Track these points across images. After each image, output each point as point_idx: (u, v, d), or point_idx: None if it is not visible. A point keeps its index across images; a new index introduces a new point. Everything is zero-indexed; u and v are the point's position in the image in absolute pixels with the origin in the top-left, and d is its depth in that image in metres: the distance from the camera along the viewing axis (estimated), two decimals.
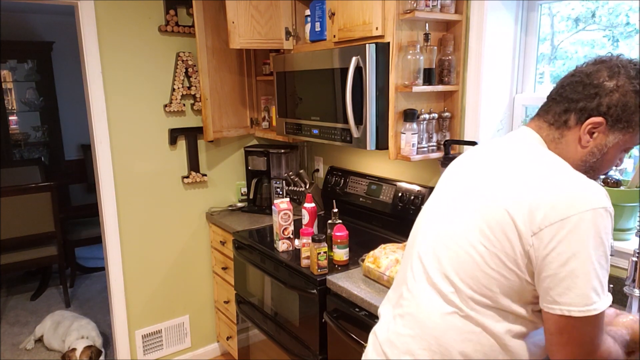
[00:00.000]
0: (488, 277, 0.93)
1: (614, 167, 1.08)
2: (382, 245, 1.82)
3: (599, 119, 0.95)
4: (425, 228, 1.09)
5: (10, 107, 4.71)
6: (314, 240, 1.82)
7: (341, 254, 1.88)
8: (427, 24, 1.84)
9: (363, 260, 1.80)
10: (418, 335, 1.00)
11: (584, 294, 0.84)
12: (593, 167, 1.00)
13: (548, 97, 1.04)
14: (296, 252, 2.05)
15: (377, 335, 1.12)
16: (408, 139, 1.85)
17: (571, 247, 0.84)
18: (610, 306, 1.20)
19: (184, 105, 2.64)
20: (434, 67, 1.88)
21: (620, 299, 1.51)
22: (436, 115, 1.93)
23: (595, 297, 0.85)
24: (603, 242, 0.86)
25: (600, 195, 0.87)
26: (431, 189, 2.02)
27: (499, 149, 1.04)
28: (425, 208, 1.15)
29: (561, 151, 0.99)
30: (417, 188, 2.10)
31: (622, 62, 0.96)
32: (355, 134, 1.89)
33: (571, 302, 0.85)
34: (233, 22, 2.24)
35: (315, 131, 2.14)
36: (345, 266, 1.88)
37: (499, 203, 0.93)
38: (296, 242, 2.11)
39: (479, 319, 0.94)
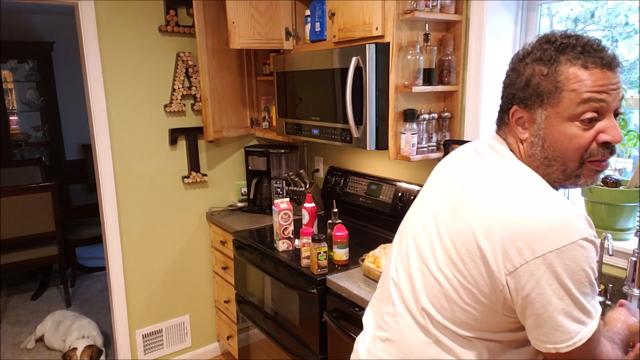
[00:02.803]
0: (464, 311, 0.90)
1: (594, 148, 0.89)
2: (382, 245, 1.82)
3: (513, 108, 0.94)
4: (404, 246, 1.05)
5: (10, 107, 4.72)
6: (314, 240, 1.82)
7: (341, 253, 1.88)
8: (427, 24, 1.85)
9: (363, 260, 1.81)
10: None
11: (568, 330, 0.82)
12: (548, 157, 0.90)
13: None
14: (296, 252, 2.06)
15: (359, 354, 1.09)
16: (408, 139, 1.85)
17: (551, 285, 0.81)
18: (608, 306, 1.20)
19: (184, 105, 2.65)
20: (433, 67, 1.88)
21: (619, 299, 1.52)
22: (436, 116, 1.93)
23: (580, 327, 0.82)
24: (586, 273, 0.81)
25: (578, 225, 0.81)
26: None
27: (473, 164, 0.99)
28: (406, 220, 1.10)
29: (515, 152, 0.96)
30: (417, 188, 2.10)
31: (520, 50, 0.96)
32: (355, 134, 1.89)
33: (557, 340, 0.83)
34: (233, 22, 2.24)
35: (315, 131, 2.14)
36: (345, 266, 1.88)
37: (470, 233, 0.88)
38: (296, 242, 2.11)
39: (456, 349, 0.92)
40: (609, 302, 1.51)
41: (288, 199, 2.18)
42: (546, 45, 0.90)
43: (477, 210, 0.89)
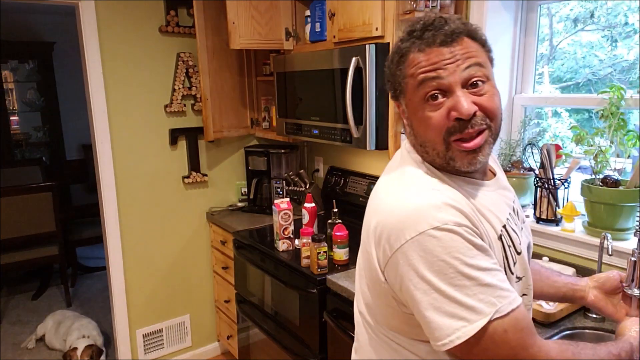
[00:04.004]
0: (382, 313, 0.90)
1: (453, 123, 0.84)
2: None
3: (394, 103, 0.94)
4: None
5: (11, 108, 4.72)
6: (314, 239, 1.82)
7: (341, 253, 1.89)
8: None
9: None
10: None
11: (440, 326, 0.76)
12: (420, 144, 0.89)
13: None
14: (296, 252, 2.06)
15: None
16: None
17: (411, 279, 0.77)
18: None
19: (185, 105, 2.65)
20: None
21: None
22: None
23: (460, 323, 0.75)
24: (448, 264, 0.75)
25: (428, 215, 0.77)
26: None
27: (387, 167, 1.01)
28: None
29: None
30: None
31: None
32: (355, 134, 1.90)
33: (433, 337, 0.78)
34: (233, 23, 2.24)
35: (315, 131, 2.15)
36: (345, 266, 1.89)
37: (365, 237, 0.89)
38: (296, 241, 2.12)
39: (399, 350, 0.91)
40: None
41: (288, 199, 2.18)
42: (401, 36, 0.90)
43: (367, 215, 0.91)
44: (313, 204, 2.10)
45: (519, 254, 0.92)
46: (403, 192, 0.85)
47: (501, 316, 0.75)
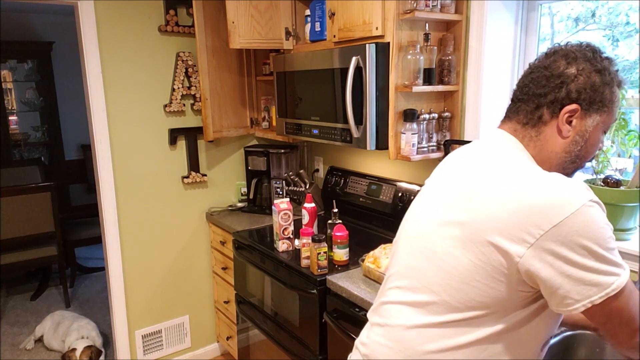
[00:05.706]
0: (475, 289, 0.91)
1: (597, 152, 1.06)
2: (382, 245, 1.82)
3: (573, 106, 0.95)
4: (408, 239, 1.08)
5: (10, 107, 4.71)
6: (314, 240, 1.82)
7: (341, 254, 1.88)
8: (427, 24, 1.85)
9: (363, 260, 1.80)
10: (396, 348, 1.01)
11: (600, 283, 0.85)
12: (579, 156, 1.00)
13: (513, 99, 1.04)
14: (296, 252, 2.05)
15: (360, 339, 1.13)
16: (408, 139, 1.85)
17: (573, 248, 0.85)
18: None
19: (184, 105, 2.65)
20: (434, 67, 1.88)
21: None
22: (436, 115, 1.93)
23: (613, 278, 0.85)
24: (605, 230, 0.86)
25: (582, 190, 0.87)
26: None
27: (478, 157, 1.02)
28: (408, 214, 1.13)
29: (541, 148, 0.99)
30: (417, 188, 2.10)
31: (574, 48, 0.98)
32: (355, 134, 1.89)
33: (591, 294, 0.86)
34: (233, 22, 2.24)
35: (315, 131, 2.14)
36: (345, 266, 1.88)
37: (481, 220, 0.91)
38: (296, 242, 2.11)
39: (460, 331, 0.93)
40: None
41: (288, 199, 2.17)
42: (603, 60, 0.97)
43: (487, 199, 0.92)
44: (313, 204, 2.10)
45: None
46: (544, 175, 0.92)
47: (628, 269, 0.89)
